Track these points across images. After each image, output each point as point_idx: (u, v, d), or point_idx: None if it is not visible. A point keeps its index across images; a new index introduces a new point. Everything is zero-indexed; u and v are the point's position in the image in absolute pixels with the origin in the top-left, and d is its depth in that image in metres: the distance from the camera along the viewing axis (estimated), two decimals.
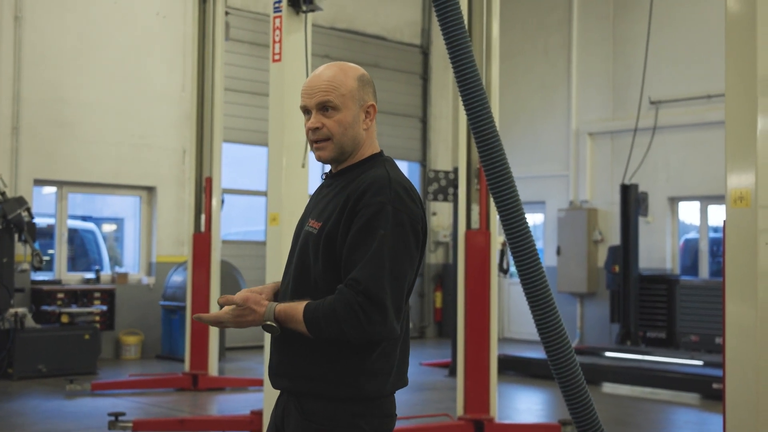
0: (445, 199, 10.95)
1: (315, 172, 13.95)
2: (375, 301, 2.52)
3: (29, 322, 10.46)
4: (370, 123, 2.78)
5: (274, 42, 7.24)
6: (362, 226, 2.58)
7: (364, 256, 2.55)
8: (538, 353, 11.65)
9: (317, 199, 2.82)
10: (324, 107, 2.72)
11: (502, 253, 9.90)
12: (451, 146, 16.23)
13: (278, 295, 2.82)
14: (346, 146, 2.74)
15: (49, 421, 8.08)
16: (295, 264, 2.75)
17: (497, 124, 3.85)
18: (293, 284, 2.73)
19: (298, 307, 2.59)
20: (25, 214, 10.49)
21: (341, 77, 2.73)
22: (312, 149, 2.79)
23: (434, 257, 16.25)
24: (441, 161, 16.28)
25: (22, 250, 10.91)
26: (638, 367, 10.94)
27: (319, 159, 2.78)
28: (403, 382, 2.75)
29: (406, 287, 2.62)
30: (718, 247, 13.64)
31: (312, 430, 2.62)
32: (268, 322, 2.59)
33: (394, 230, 2.58)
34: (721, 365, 5.40)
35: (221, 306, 2.70)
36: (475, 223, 7.69)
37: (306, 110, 2.77)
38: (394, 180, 2.66)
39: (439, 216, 16.22)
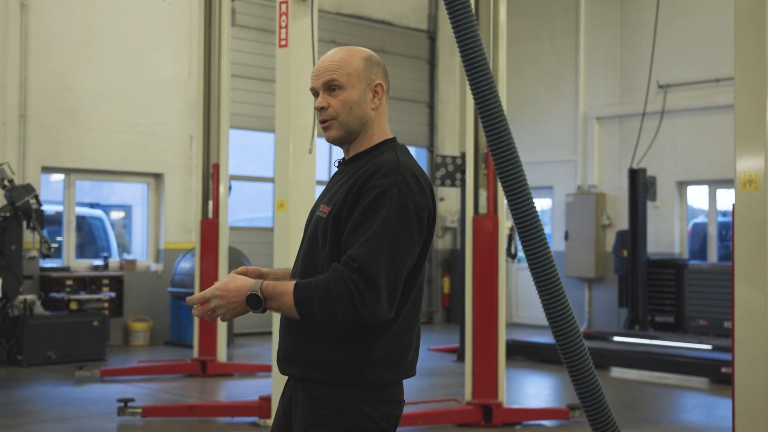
0: (453, 185, 10.93)
1: (322, 158, 13.98)
2: (369, 280, 2.48)
3: (38, 309, 10.49)
4: (379, 102, 2.76)
5: (281, 28, 7.22)
6: (366, 206, 2.56)
7: (363, 236, 2.52)
8: (547, 338, 11.66)
9: (329, 187, 2.82)
10: (330, 87, 2.72)
11: (510, 238, 9.89)
12: (458, 131, 16.20)
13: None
14: (353, 125, 2.74)
15: (59, 408, 8.11)
16: (305, 249, 2.75)
17: (505, 109, 3.83)
18: (302, 267, 2.73)
19: (288, 284, 2.56)
20: (33, 201, 10.50)
21: (348, 57, 2.73)
22: (322, 129, 2.79)
23: (442, 243, 16.25)
24: (448, 146, 16.25)
25: (30, 238, 10.92)
26: (647, 351, 10.93)
27: (327, 139, 2.78)
28: (411, 372, 2.73)
29: (404, 272, 2.58)
30: (726, 231, 13.60)
31: (319, 416, 2.62)
32: (254, 292, 2.54)
33: (397, 213, 2.55)
34: (729, 349, 5.40)
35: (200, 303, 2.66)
36: (483, 208, 7.68)
37: (315, 92, 2.77)
38: (403, 164, 2.65)
39: (447, 201, 16.20)
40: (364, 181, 2.61)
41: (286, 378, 2.77)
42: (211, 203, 9.97)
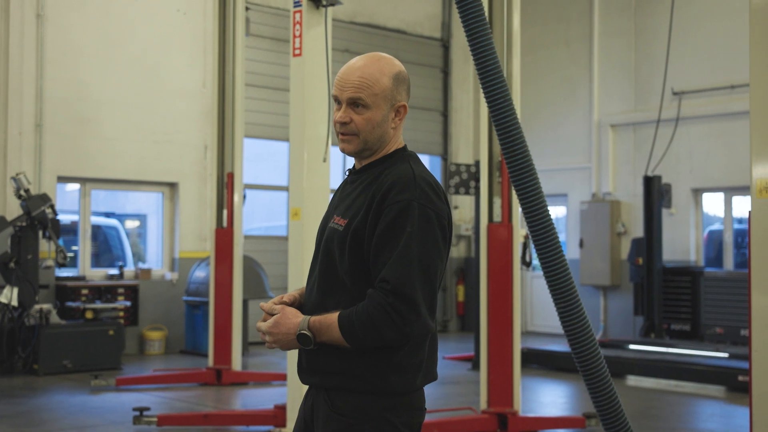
0: (467, 193, 10.92)
1: (336, 167, 14.01)
2: (406, 300, 2.51)
3: (54, 318, 10.53)
4: (399, 122, 2.77)
5: (295, 37, 7.24)
6: (388, 224, 2.57)
7: (392, 255, 2.53)
8: (562, 346, 11.62)
9: (341, 196, 2.80)
10: (355, 103, 2.70)
11: (525, 246, 9.87)
12: (472, 139, 16.19)
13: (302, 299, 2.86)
14: (371, 143, 2.73)
15: (75, 416, 8.13)
16: (320, 261, 2.74)
17: (519, 116, 3.82)
18: (319, 281, 2.72)
19: (332, 316, 2.58)
20: (48, 211, 10.55)
21: (376, 75, 2.72)
22: (338, 139, 2.79)
23: (456, 251, 16.23)
24: (462, 154, 16.24)
25: (46, 247, 10.97)
26: (663, 359, 10.88)
27: (342, 150, 2.77)
28: (432, 377, 2.73)
29: (438, 282, 2.61)
30: (742, 239, 13.54)
31: (341, 424, 2.62)
32: (303, 331, 2.59)
33: (421, 227, 2.57)
34: (746, 357, 5.36)
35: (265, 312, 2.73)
36: (497, 216, 7.66)
37: (337, 100, 2.75)
38: (419, 176, 2.65)
39: (461, 209, 16.18)
40: (382, 197, 2.60)
41: (301, 387, 2.78)
42: (225, 212, 10.00)
